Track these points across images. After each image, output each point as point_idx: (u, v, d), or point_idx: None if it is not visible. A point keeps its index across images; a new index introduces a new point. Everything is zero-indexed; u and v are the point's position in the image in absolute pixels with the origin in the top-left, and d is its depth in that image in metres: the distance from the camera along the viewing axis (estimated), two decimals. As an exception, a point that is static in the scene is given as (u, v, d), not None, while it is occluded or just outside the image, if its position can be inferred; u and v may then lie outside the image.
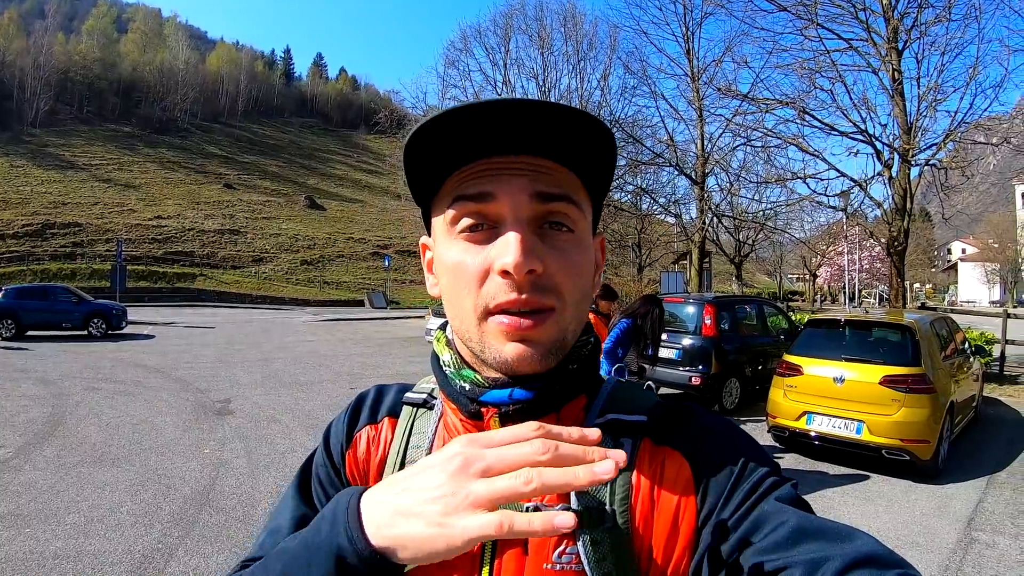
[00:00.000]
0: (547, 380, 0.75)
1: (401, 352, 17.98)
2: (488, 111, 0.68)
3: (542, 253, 0.71)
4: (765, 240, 34.98)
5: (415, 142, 0.72)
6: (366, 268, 58.01)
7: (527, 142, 0.71)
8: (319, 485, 0.92)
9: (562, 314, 0.73)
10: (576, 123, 0.70)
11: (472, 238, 0.73)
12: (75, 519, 5.27)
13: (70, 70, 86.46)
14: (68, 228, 50.40)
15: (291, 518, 0.88)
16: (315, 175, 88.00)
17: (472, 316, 0.73)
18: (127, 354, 15.75)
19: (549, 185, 0.73)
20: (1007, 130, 16.62)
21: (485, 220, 0.73)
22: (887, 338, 7.93)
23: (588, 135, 0.72)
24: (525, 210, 0.71)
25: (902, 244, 15.98)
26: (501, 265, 0.69)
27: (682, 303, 11.10)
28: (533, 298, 0.70)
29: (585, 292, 0.77)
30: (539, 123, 0.69)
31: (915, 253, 51.99)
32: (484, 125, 0.69)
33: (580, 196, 0.77)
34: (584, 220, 0.77)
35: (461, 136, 0.71)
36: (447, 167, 0.75)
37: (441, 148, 0.72)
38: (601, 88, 26.89)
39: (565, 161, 0.74)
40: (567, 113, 0.69)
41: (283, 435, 8.32)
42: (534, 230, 0.72)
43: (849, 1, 15.92)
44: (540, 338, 0.72)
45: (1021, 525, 5.74)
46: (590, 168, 0.77)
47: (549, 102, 0.68)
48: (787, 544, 0.63)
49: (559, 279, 0.72)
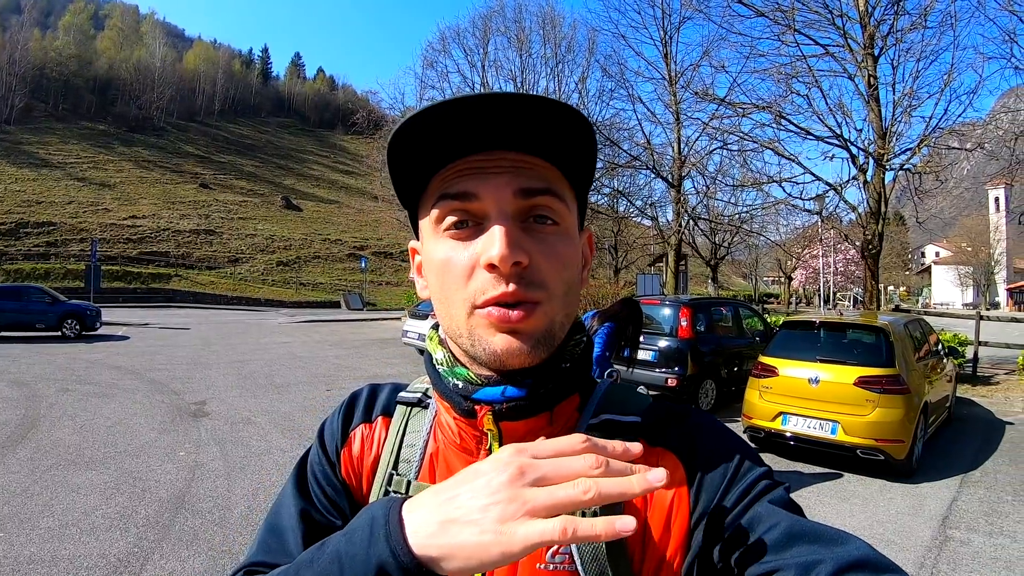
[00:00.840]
0: (540, 378, 0.76)
1: (378, 354, 17.91)
2: (466, 105, 0.68)
3: (527, 246, 0.71)
4: (741, 243, 35.20)
5: (397, 142, 0.72)
6: (342, 269, 57.68)
7: (507, 137, 0.72)
8: (315, 482, 0.92)
9: (549, 306, 0.73)
10: (554, 115, 0.70)
11: (458, 235, 0.74)
12: (49, 523, 5.21)
13: (46, 66, 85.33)
14: (42, 227, 49.71)
15: (294, 514, 0.88)
16: (292, 175, 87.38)
17: (461, 312, 0.74)
18: (101, 355, 15.56)
19: (532, 180, 0.73)
20: (981, 135, 16.88)
21: (470, 217, 0.73)
22: (862, 340, 8.03)
23: (567, 127, 0.72)
24: (509, 205, 0.72)
25: (876, 247, 16.15)
26: (487, 259, 0.69)
27: (658, 305, 11.15)
28: (520, 291, 0.70)
29: (572, 284, 0.77)
30: (518, 117, 0.69)
31: (889, 256, 52.54)
32: (464, 121, 0.69)
33: (563, 190, 0.77)
34: (569, 214, 0.77)
35: (441, 134, 0.71)
36: (430, 167, 0.76)
37: (422, 147, 0.73)
38: (579, 91, 26.95)
39: (546, 155, 0.75)
40: (545, 105, 0.69)
41: (259, 437, 8.26)
42: (519, 224, 0.72)
43: (826, 7, 16.08)
44: (528, 329, 0.72)
45: (995, 523, 5.83)
46: (572, 162, 0.77)
47: (527, 94, 0.68)
48: (780, 547, 0.63)
49: (545, 272, 0.73)
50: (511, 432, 0.78)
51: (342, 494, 0.91)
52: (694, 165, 23.14)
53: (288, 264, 55.97)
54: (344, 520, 0.88)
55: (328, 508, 0.89)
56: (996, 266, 72.66)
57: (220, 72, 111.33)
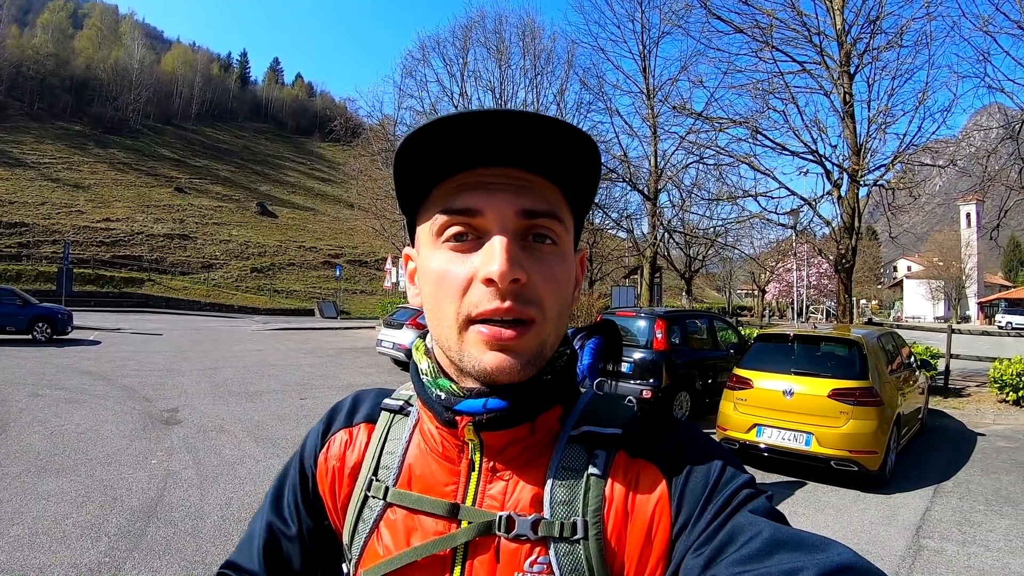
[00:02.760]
0: (521, 390, 0.76)
1: (352, 362, 17.80)
2: (480, 120, 0.68)
3: (526, 264, 0.72)
4: (715, 256, 35.51)
5: (407, 148, 0.72)
6: (317, 277, 57.27)
7: (515, 155, 0.72)
8: (289, 493, 0.95)
9: (543, 326, 0.74)
10: (566, 138, 0.71)
11: (457, 247, 0.74)
12: (19, 531, 5.11)
13: (22, 64, 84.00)
14: (14, 228, 48.87)
15: (262, 524, 0.92)
16: (267, 181, 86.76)
17: (453, 324, 0.74)
18: (72, 360, 15.32)
19: (535, 202, 0.74)
20: (953, 152, 17.17)
21: (471, 231, 0.74)
22: (835, 352, 8.11)
23: (576, 151, 0.73)
24: (511, 223, 0.72)
25: (849, 261, 16.35)
26: (486, 273, 0.70)
27: (633, 317, 11.19)
28: (515, 308, 0.71)
29: (565, 305, 0.78)
30: (528, 136, 0.70)
31: (862, 270, 53.16)
32: (473, 135, 0.70)
33: (564, 211, 0.78)
34: (567, 235, 0.78)
35: (450, 145, 0.71)
36: (435, 176, 0.76)
37: (430, 156, 0.73)
38: (557, 103, 27.11)
39: (551, 176, 0.75)
40: (559, 128, 0.69)
41: (232, 446, 8.17)
42: (518, 242, 0.73)
43: (804, 25, 16.32)
44: (520, 348, 0.72)
45: (968, 532, 5.90)
46: (574, 184, 0.78)
47: (542, 115, 0.69)
48: (761, 555, 0.63)
49: (541, 291, 0.73)
50: (492, 442, 0.79)
51: (310, 503, 0.93)
52: (670, 178, 23.36)
53: (262, 271, 55.48)
54: (304, 529, 0.92)
55: (291, 519, 0.93)
56: (967, 280, 73.75)
57: (198, 75, 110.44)
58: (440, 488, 0.82)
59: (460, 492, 0.81)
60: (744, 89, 17.72)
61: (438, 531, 0.80)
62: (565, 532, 0.74)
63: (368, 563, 0.83)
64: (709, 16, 17.50)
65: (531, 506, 0.77)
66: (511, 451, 0.80)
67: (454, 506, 0.80)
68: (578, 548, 0.74)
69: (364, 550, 0.85)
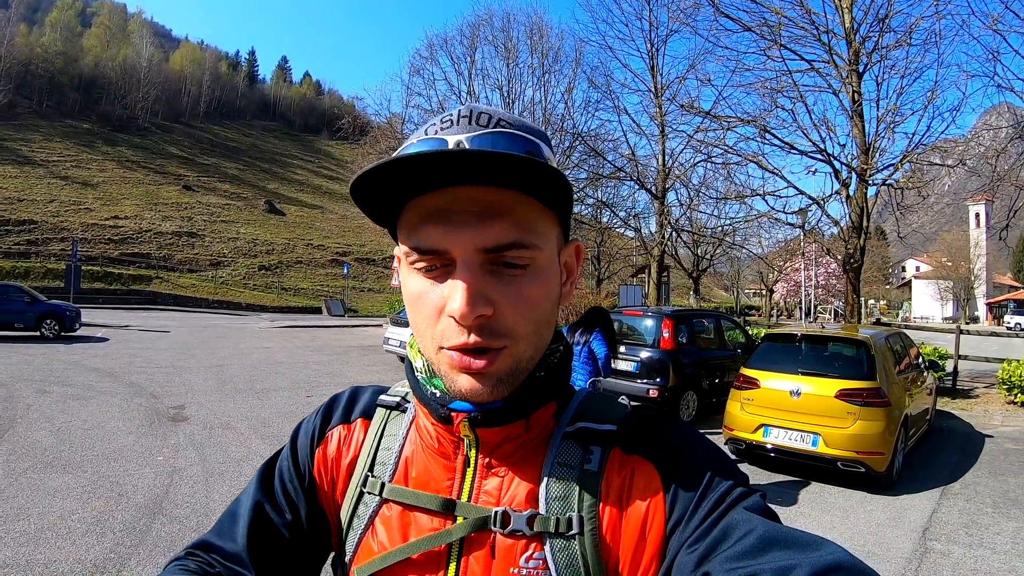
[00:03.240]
0: (516, 388, 0.76)
1: (359, 360, 17.85)
2: (420, 162, 0.67)
3: (493, 293, 0.72)
4: (723, 255, 35.53)
5: (360, 185, 0.71)
6: (324, 275, 57.45)
7: (476, 176, 0.70)
8: (279, 480, 0.93)
9: (514, 348, 0.74)
10: (513, 165, 0.68)
11: (429, 274, 0.74)
12: (24, 526, 5.13)
13: (31, 63, 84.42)
14: (23, 225, 49.16)
15: (249, 505, 0.90)
16: (275, 179, 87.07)
17: (430, 347, 0.76)
18: (80, 357, 15.40)
19: (498, 236, 0.71)
20: (962, 152, 17.09)
21: (440, 261, 0.73)
22: (843, 352, 8.08)
23: (531, 171, 0.70)
24: (474, 258, 0.71)
25: (858, 261, 16.29)
26: (449, 311, 0.71)
27: (640, 316, 11.19)
28: (481, 340, 0.71)
29: (542, 321, 0.77)
30: (485, 161, 0.68)
31: (870, 270, 53.11)
32: (430, 166, 0.69)
33: (538, 226, 0.76)
34: (542, 249, 0.76)
35: (410, 175, 0.71)
36: (402, 198, 0.75)
37: (391, 186, 0.73)
38: (565, 101, 27.03)
39: (520, 187, 0.73)
40: (500, 160, 0.67)
41: (238, 443, 8.20)
42: (486, 269, 0.72)
43: (812, 24, 16.27)
44: (491, 372, 0.73)
45: (975, 535, 5.87)
46: (547, 189, 0.75)
47: (477, 151, 0.67)
48: (755, 552, 0.63)
49: (510, 319, 0.73)
50: (487, 438, 0.79)
51: (302, 493, 0.92)
52: (678, 177, 23.33)
53: (270, 268, 55.68)
54: (296, 517, 0.90)
55: (283, 505, 0.91)
56: (976, 281, 73.57)
57: (206, 74, 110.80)
58: (436, 484, 0.82)
59: (456, 488, 0.81)
60: (752, 87, 17.71)
61: (433, 527, 0.80)
62: (560, 528, 0.74)
63: (363, 559, 0.84)
64: (717, 14, 17.45)
65: (526, 502, 0.77)
66: (506, 447, 0.80)
67: (449, 502, 0.80)
68: (573, 544, 0.74)
69: (359, 546, 0.85)
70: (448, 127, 0.74)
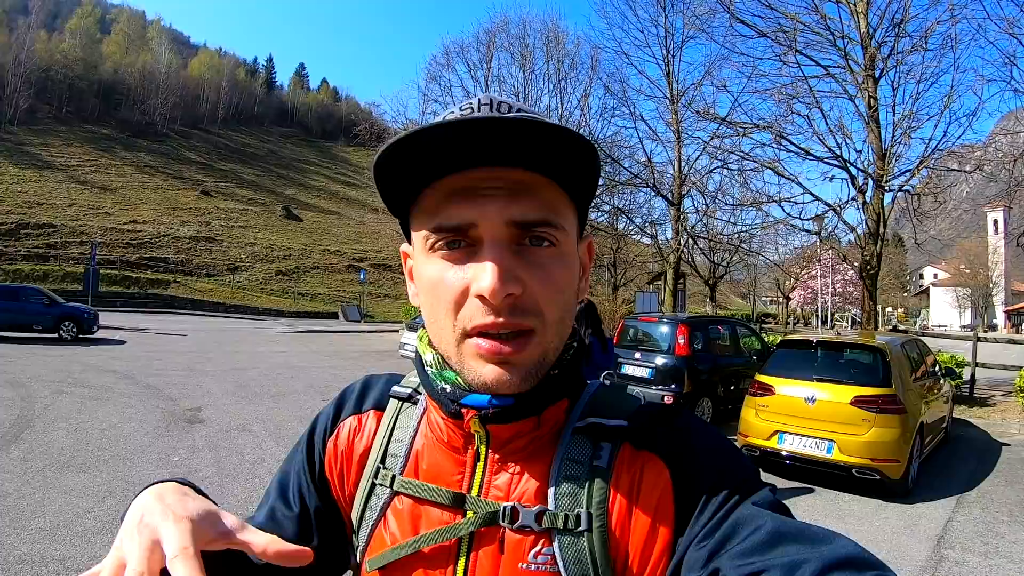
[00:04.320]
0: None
1: (374, 366, 17.83)
2: (461, 129, 0.67)
3: (522, 272, 0.71)
4: (740, 262, 35.34)
5: (386, 160, 0.71)
6: (341, 280, 57.62)
7: (507, 155, 0.70)
8: (294, 472, 0.95)
9: (543, 335, 0.73)
10: (552, 137, 0.69)
11: (450, 256, 0.73)
12: (41, 523, 5.18)
13: (51, 69, 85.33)
14: (42, 229, 49.64)
15: (264, 515, 0.93)
16: (293, 185, 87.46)
17: (451, 336, 0.74)
18: (97, 359, 15.51)
19: (527, 210, 0.71)
20: (980, 158, 16.92)
21: (463, 238, 0.72)
22: (858, 359, 8.03)
23: (567, 147, 0.71)
24: (502, 234, 0.71)
25: (874, 268, 16.18)
26: (477, 290, 0.69)
27: (656, 323, 11.17)
28: (511, 320, 0.70)
29: (567, 308, 0.77)
30: (518, 137, 0.68)
31: (887, 277, 52.69)
32: (459, 141, 0.68)
33: (561, 209, 0.76)
34: (567, 234, 0.76)
35: (436, 152, 0.70)
36: (423, 179, 0.74)
37: (416, 163, 0.71)
38: (581, 108, 26.94)
39: (547, 171, 0.73)
40: (541, 128, 0.67)
41: (253, 445, 8.24)
42: (513, 248, 0.72)
43: (828, 29, 16.19)
44: (520, 362, 0.72)
45: (990, 543, 5.82)
46: (573, 177, 0.76)
47: (526, 119, 0.66)
48: (764, 547, 0.63)
49: (540, 299, 0.72)
50: (498, 434, 0.79)
51: (313, 486, 0.93)
52: (694, 184, 23.23)
53: (287, 274, 55.92)
54: (304, 510, 0.92)
55: (292, 499, 0.93)
56: (994, 288, 72.82)
57: (224, 80, 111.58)
58: (446, 478, 0.82)
59: (466, 482, 0.81)
60: (768, 93, 17.63)
61: (443, 520, 0.80)
62: (569, 524, 0.74)
63: (375, 550, 0.84)
64: (733, 20, 17.42)
65: (536, 497, 0.77)
66: (517, 443, 0.79)
67: (459, 496, 0.80)
68: (581, 540, 0.74)
69: (371, 537, 0.85)
70: (469, 114, 0.72)
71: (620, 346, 11.28)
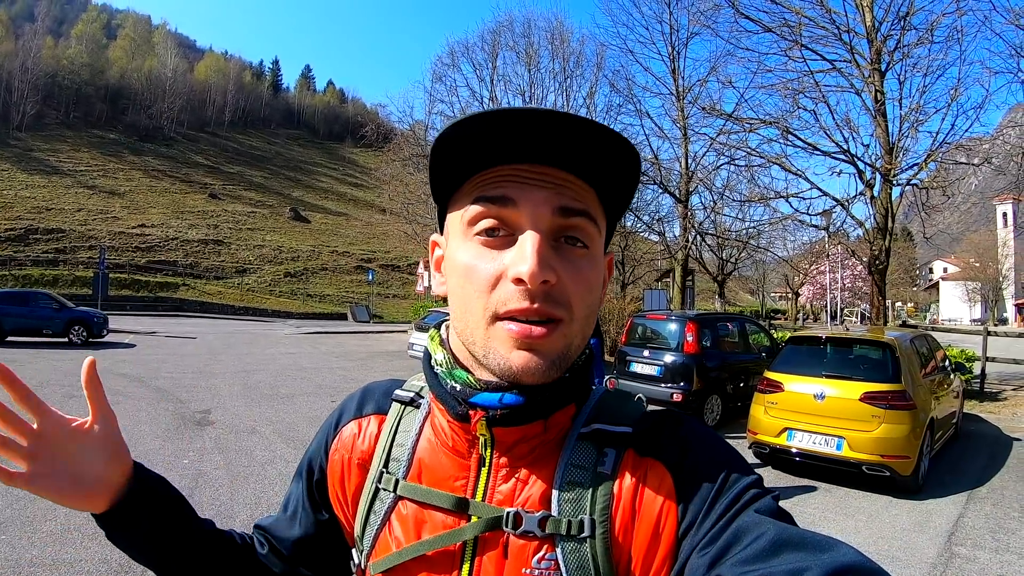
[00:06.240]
0: (540, 387, 0.76)
1: (384, 366, 17.91)
2: (520, 118, 0.69)
3: (556, 265, 0.72)
4: (748, 258, 35.20)
5: (445, 139, 0.72)
6: (349, 281, 57.86)
7: (554, 154, 0.72)
8: (295, 493, 1.00)
9: (569, 327, 0.74)
10: (607, 141, 0.71)
11: (488, 242, 0.74)
12: (51, 527, 5.21)
13: (58, 74, 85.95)
14: (51, 234, 50.04)
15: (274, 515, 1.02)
16: (300, 187, 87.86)
17: (480, 319, 0.74)
18: (107, 362, 15.55)
19: (571, 200, 0.74)
20: (988, 150, 16.84)
21: (503, 226, 0.74)
22: (868, 355, 7.99)
23: (615, 155, 0.73)
24: (544, 221, 0.73)
25: (883, 263, 16.10)
26: (515, 273, 0.70)
27: (664, 320, 11.15)
28: (544, 307, 0.71)
29: (592, 309, 0.78)
30: (569, 137, 0.70)
31: (897, 272, 52.47)
32: (515, 131, 0.70)
33: (598, 214, 0.78)
34: (599, 237, 0.79)
35: (490, 139, 0.71)
36: (471, 167, 0.76)
37: (469, 148, 0.73)
38: (587, 106, 26.88)
39: (588, 178, 0.76)
40: (598, 131, 0.69)
41: (263, 447, 8.26)
42: (550, 243, 0.73)
43: (833, 23, 16.11)
44: (547, 348, 0.73)
45: (1001, 540, 5.78)
46: (611, 188, 0.78)
47: (584, 118, 0.69)
48: (767, 555, 0.63)
49: (571, 292, 0.73)
50: (503, 438, 0.79)
51: (313, 499, 0.97)
52: (701, 180, 23.15)
53: (295, 275, 56.16)
54: (318, 513, 0.97)
55: (301, 506, 0.98)
56: (1004, 282, 72.34)
57: (231, 83, 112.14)
58: (450, 482, 0.82)
59: (470, 487, 0.81)
60: (774, 89, 17.54)
61: (447, 525, 0.80)
62: (572, 530, 0.74)
63: (379, 555, 0.84)
64: (737, 16, 17.34)
65: (540, 503, 0.77)
66: (522, 448, 0.80)
67: (463, 500, 0.80)
68: (584, 546, 0.74)
69: (376, 542, 0.85)
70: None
71: (629, 344, 11.28)
